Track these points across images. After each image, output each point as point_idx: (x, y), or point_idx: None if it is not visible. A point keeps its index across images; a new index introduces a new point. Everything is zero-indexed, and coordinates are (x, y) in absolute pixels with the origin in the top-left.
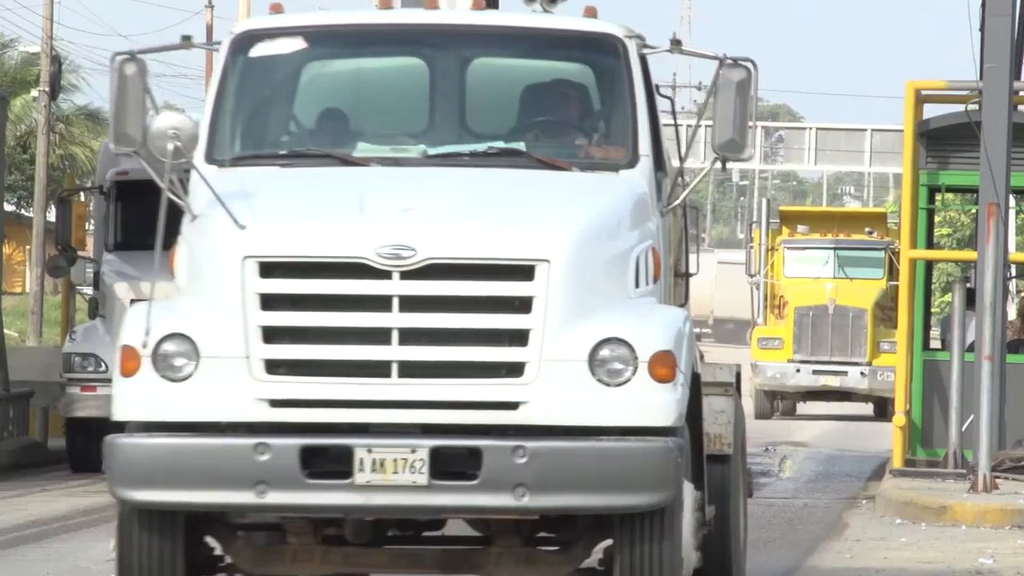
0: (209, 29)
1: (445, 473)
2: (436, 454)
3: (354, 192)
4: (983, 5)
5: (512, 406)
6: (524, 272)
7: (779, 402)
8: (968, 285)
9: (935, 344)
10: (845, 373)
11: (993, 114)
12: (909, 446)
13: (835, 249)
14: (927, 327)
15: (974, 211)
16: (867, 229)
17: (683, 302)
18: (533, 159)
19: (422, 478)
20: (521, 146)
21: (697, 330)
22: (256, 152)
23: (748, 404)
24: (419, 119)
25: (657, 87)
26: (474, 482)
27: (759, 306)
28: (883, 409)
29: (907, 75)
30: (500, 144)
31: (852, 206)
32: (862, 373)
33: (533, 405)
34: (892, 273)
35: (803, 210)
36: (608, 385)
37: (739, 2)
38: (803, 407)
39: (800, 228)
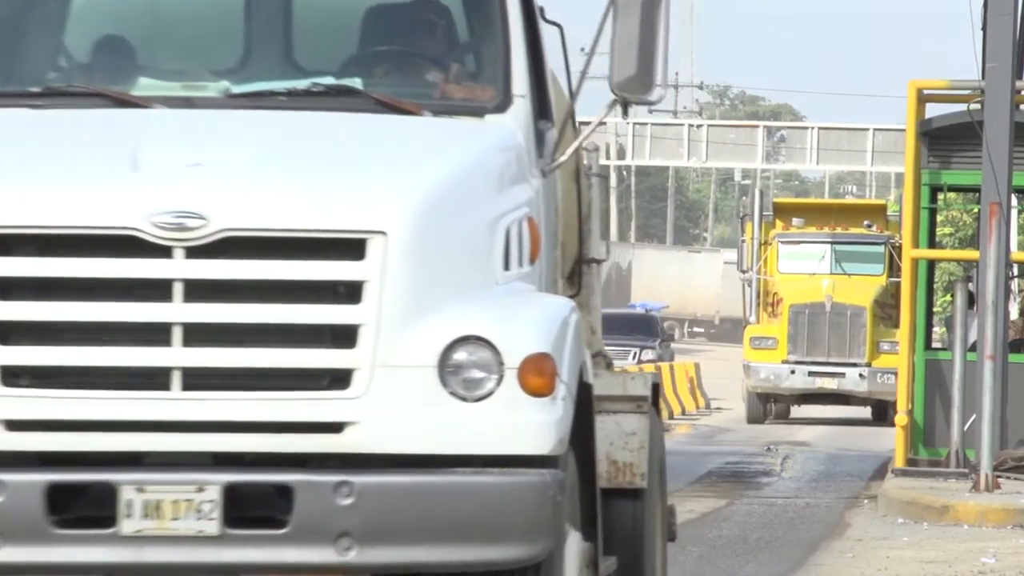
0: None
1: (244, 519)
2: (232, 493)
3: (127, 141)
4: (985, 5)
5: (335, 428)
6: (352, 248)
7: (772, 405)
8: (970, 285)
9: (937, 344)
10: (843, 375)
11: (995, 113)
12: (911, 445)
13: (832, 243)
14: (929, 326)
15: (976, 210)
16: (866, 222)
17: (576, 292)
18: (371, 100)
19: (212, 526)
20: (357, 83)
21: (700, 329)
22: (1, 89)
23: (740, 407)
24: (227, 50)
25: (542, 11)
26: (283, 531)
27: (752, 304)
28: (883, 413)
29: (909, 74)
30: (329, 80)
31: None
32: (861, 375)
33: (363, 427)
34: (892, 269)
35: (798, 202)
36: (464, 400)
37: (741, 2)
38: (798, 410)
39: (795, 221)
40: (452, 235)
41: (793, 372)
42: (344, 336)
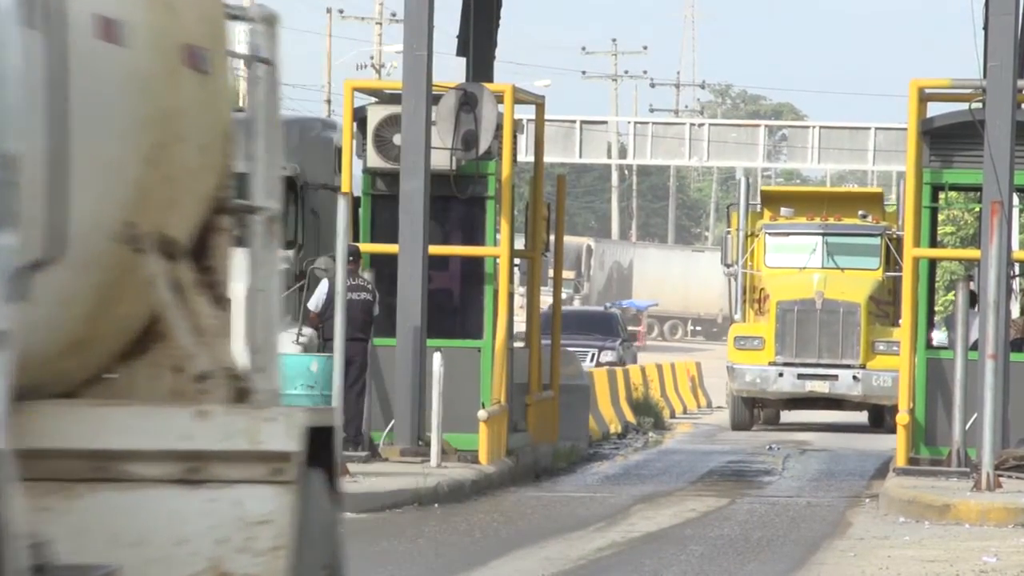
0: None
1: None
2: None
3: None
4: (987, 4)
5: None
6: None
7: (760, 410)
8: (972, 284)
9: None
10: (835, 378)
11: (997, 112)
12: (912, 444)
13: (823, 235)
14: (930, 325)
15: (977, 209)
16: (860, 212)
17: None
18: None
19: None
20: None
21: (699, 328)
22: None
23: (724, 413)
24: None
25: None
26: None
27: (737, 301)
28: (879, 418)
29: (911, 73)
30: None
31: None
32: (855, 377)
33: None
34: (889, 262)
35: (787, 190)
36: None
37: (741, 1)
38: (788, 415)
39: (784, 211)
40: None
41: (781, 375)
42: None
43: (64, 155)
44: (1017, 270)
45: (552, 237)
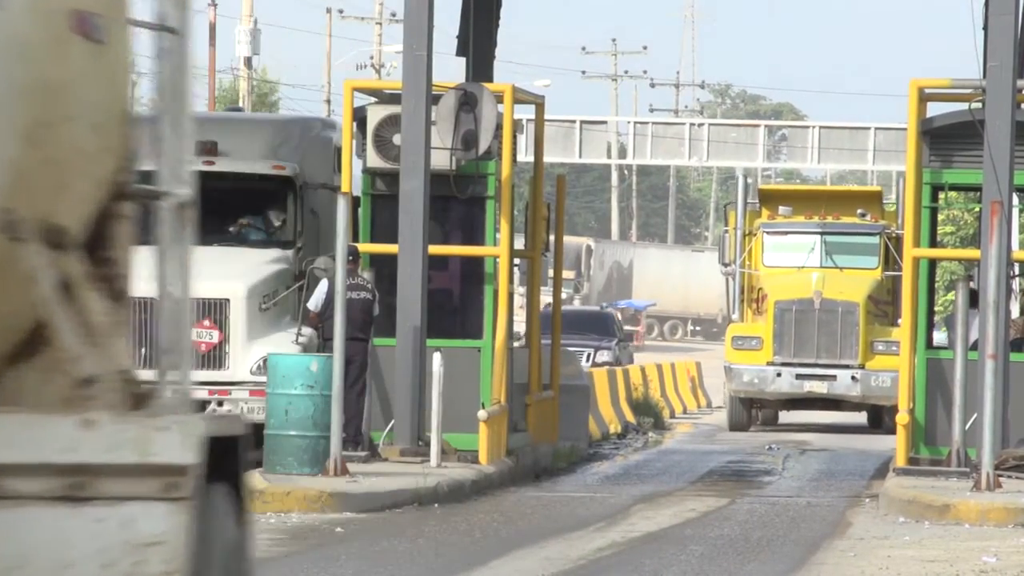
0: (212, 27)
1: None
2: None
3: None
4: (986, 4)
5: None
6: None
7: (758, 411)
8: (971, 284)
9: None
10: (833, 378)
11: (997, 112)
12: (912, 444)
13: (822, 234)
14: (930, 325)
15: (977, 209)
16: (859, 211)
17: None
18: None
19: None
20: None
21: (699, 328)
22: None
23: (723, 413)
24: None
25: None
26: None
27: (735, 300)
28: (879, 419)
29: (911, 73)
30: None
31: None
32: (853, 378)
33: None
34: (888, 262)
35: (786, 189)
36: None
37: (741, 1)
38: (786, 415)
39: (782, 210)
40: None
41: (779, 375)
42: None
43: None
44: (1017, 270)
45: (552, 237)
